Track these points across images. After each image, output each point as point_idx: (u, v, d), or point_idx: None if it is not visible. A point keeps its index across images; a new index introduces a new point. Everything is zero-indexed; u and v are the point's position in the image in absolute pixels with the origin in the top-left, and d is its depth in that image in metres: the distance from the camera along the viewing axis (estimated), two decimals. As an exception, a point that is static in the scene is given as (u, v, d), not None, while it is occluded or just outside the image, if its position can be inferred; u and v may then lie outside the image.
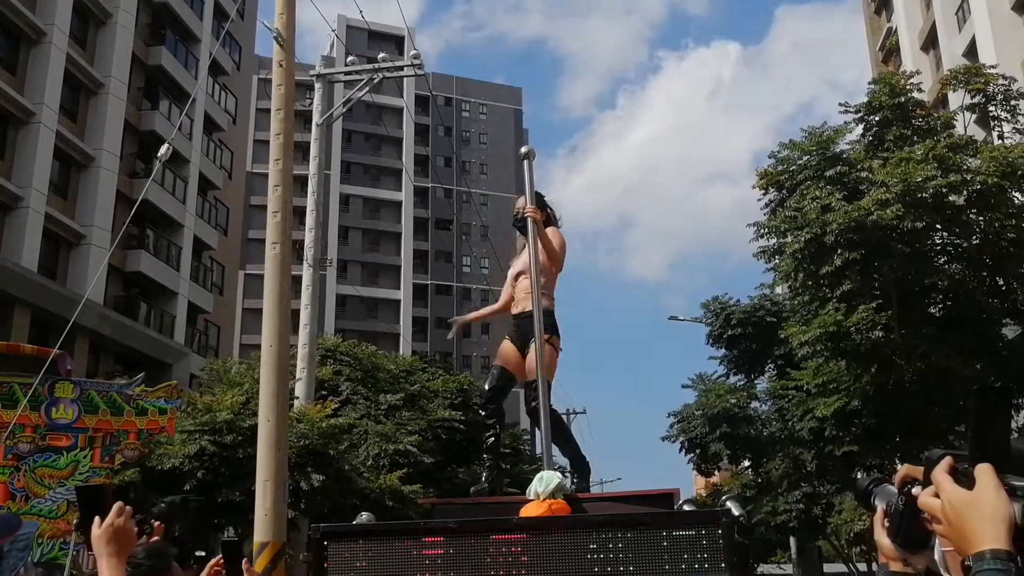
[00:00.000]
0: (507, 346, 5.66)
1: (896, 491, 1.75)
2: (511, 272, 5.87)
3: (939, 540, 1.54)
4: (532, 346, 5.28)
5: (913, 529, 1.66)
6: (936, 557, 1.64)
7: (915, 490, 1.59)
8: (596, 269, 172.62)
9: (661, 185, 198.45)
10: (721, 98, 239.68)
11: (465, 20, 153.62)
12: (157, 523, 3.53)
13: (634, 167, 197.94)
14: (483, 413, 5.61)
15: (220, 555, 3.62)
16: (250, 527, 9.28)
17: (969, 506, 1.31)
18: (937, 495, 1.38)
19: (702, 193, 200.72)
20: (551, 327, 5.40)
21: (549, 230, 5.55)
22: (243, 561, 3.70)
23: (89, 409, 10.66)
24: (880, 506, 1.85)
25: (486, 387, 5.70)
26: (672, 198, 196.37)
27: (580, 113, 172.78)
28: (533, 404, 5.11)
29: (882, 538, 1.81)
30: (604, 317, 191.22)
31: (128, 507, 2.51)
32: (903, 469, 1.75)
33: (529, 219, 5.38)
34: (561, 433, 5.42)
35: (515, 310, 5.68)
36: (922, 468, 1.65)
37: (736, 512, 3.58)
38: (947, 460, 1.40)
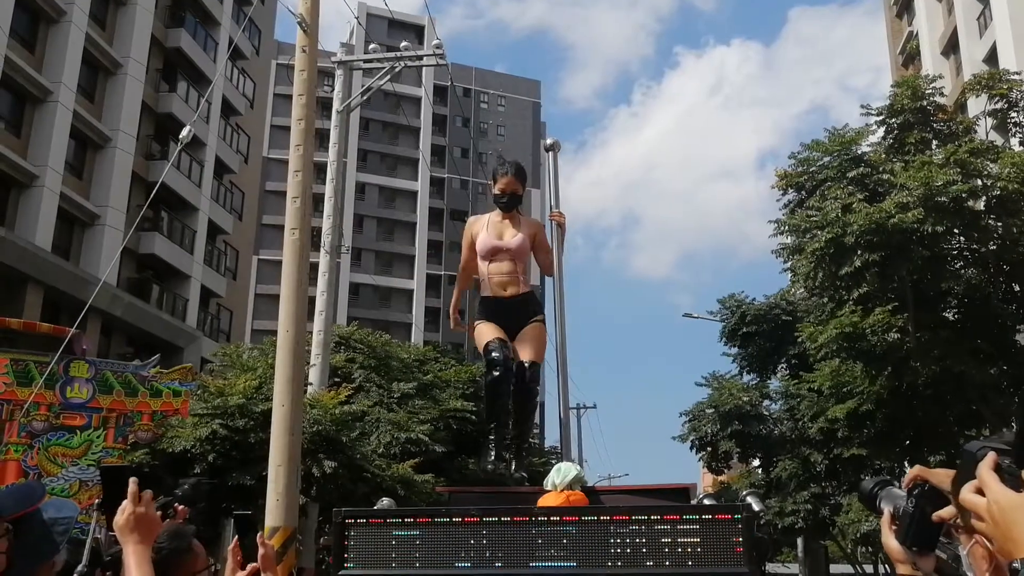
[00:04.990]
0: (490, 326, 5.11)
1: (904, 493, 1.73)
2: (481, 245, 5.20)
3: (963, 540, 1.52)
4: (524, 330, 5.17)
5: (922, 531, 1.65)
6: (962, 557, 1.63)
7: (960, 498, 1.57)
8: (602, 265, 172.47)
9: (666, 182, 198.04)
10: (730, 97, 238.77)
11: (466, 8, 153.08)
12: (180, 507, 3.54)
13: (642, 164, 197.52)
14: (496, 373, 4.93)
15: (235, 536, 3.61)
16: (260, 512, 9.31)
17: (1018, 509, 1.30)
18: (980, 491, 1.36)
19: (709, 190, 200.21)
20: (540, 307, 5.18)
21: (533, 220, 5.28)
22: (258, 535, 3.69)
23: (104, 389, 10.68)
24: (886, 508, 1.83)
25: (494, 354, 4.98)
26: (679, 195, 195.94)
27: (582, 106, 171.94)
28: (530, 386, 5.05)
29: (890, 540, 1.80)
30: (611, 313, 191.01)
31: (148, 492, 2.50)
32: (913, 470, 1.74)
33: (554, 223, 5.18)
34: (524, 411, 5.22)
35: (504, 292, 5.17)
36: (934, 471, 1.62)
37: (757, 507, 3.58)
38: (992, 456, 1.38)
